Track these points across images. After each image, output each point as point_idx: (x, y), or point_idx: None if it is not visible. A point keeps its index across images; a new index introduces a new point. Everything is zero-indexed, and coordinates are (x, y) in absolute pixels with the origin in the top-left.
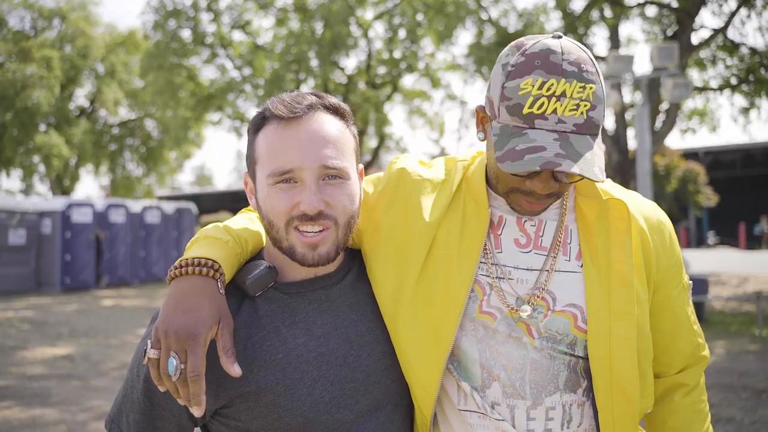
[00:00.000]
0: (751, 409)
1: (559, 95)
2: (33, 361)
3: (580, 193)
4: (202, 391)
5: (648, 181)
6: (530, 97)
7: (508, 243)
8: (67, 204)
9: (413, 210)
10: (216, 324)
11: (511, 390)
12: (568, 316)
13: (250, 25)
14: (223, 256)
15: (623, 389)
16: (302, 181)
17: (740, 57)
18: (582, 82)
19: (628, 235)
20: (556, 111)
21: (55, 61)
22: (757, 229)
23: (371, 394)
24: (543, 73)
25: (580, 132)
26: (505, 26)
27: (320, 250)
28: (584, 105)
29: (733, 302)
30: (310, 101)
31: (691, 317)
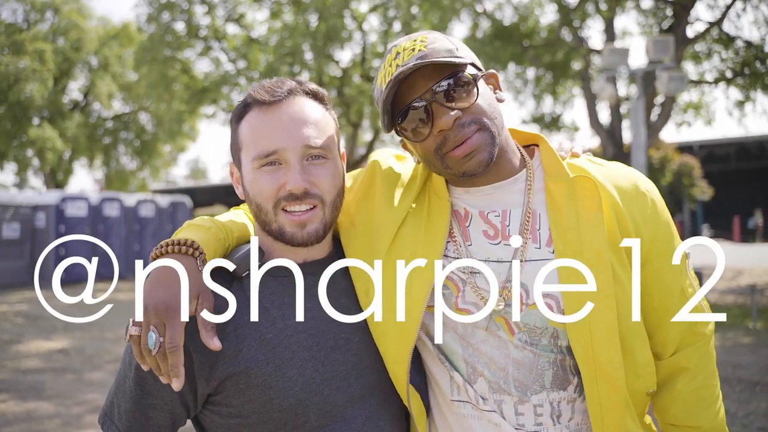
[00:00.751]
0: (745, 402)
1: (394, 58)
2: (27, 355)
3: (548, 174)
4: (180, 362)
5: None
6: (381, 80)
7: (477, 236)
8: (61, 198)
9: (381, 205)
10: (195, 299)
11: (497, 386)
12: (544, 308)
13: (244, 18)
14: (204, 238)
15: (607, 374)
16: (287, 162)
17: (735, 50)
18: (410, 41)
19: (599, 212)
20: (398, 64)
21: (48, 54)
22: (751, 223)
23: (364, 379)
24: (381, 61)
25: (424, 59)
26: (500, 19)
27: (309, 228)
28: (420, 44)
29: (728, 295)
30: (290, 86)
31: (688, 290)
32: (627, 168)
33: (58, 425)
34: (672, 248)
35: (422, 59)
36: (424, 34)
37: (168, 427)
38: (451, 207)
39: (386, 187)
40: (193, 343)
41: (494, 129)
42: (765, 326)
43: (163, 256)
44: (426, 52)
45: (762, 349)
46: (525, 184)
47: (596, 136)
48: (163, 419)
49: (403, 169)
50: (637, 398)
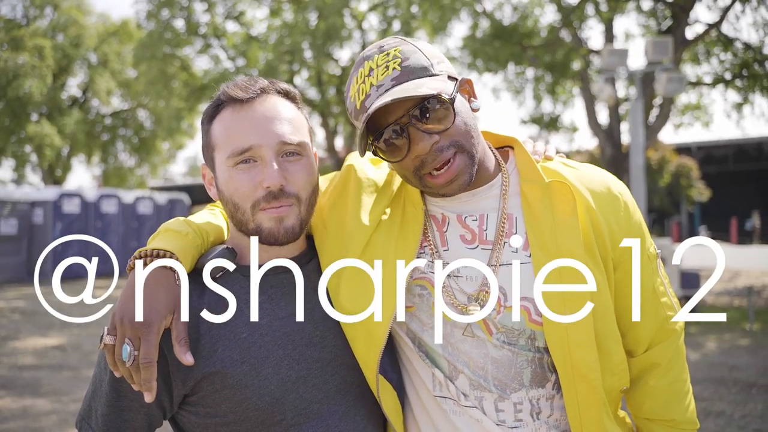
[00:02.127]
0: (742, 403)
1: (367, 74)
2: (24, 352)
3: (523, 178)
4: (153, 377)
5: (641, 175)
6: (352, 96)
7: (454, 240)
8: (59, 194)
9: (354, 209)
10: (170, 314)
11: (477, 384)
12: (521, 311)
13: (244, 16)
14: (182, 247)
15: (584, 376)
16: (262, 158)
17: (734, 52)
18: (382, 53)
19: (575, 216)
20: (372, 84)
21: (47, 50)
22: (749, 224)
23: (339, 375)
24: (355, 69)
25: (400, 81)
26: (500, 19)
27: (286, 223)
28: (393, 62)
29: (725, 297)
30: (263, 85)
31: (659, 288)
32: (599, 170)
33: (55, 422)
34: (645, 249)
35: (398, 81)
36: (397, 46)
37: (144, 429)
38: (426, 213)
39: (360, 191)
40: (168, 345)
41: (473, 149)
42: (762, 328)
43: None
44: (400, 72)
45: (759, 350)
46: (501, 188)
47: (595, 137)
48: (139, 421)
49: (378, 174)
50: (611, 395)
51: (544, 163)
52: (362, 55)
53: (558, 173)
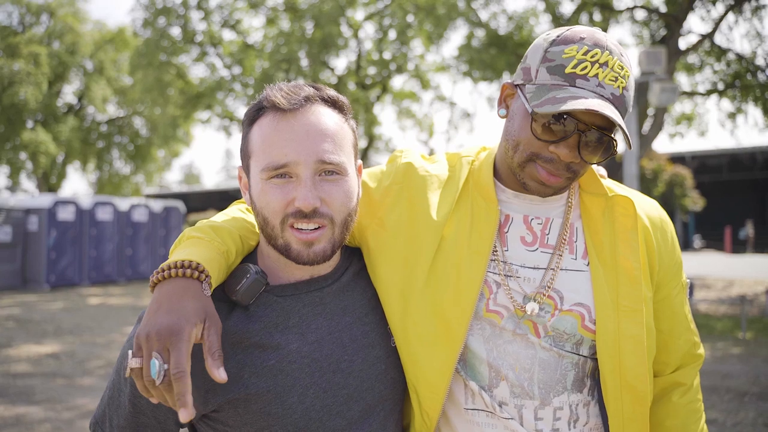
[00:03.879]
0: (734, 411)
1: (602, 63)
2: (18, 359)
3: (584, 190)
4: (188, 390)
5: (635, 184)
6: (574, 60)
7: (514, 241)
8: (54, 201)
9: (420, 207)
10: (201, 322)
11: (519, 390)
12: (575, 316)
13: (240, 24)
14: (208, 256)
15: (633, 387)
16: (297, 176)
17: (727, 62)
18: (621, 62)
19: (635, 232)
20: (597, 75)
21: (42, 58)
22: (743, 233)
23: (364, 401)
24: (589, 43)
25: (615, 104)
26: (495, 28)
27: (316, 247)
28: (621, 81)
29: (718, 305)
30: (308, 93)
31: (688, 316)
32: (650, 198)
33: (48, 430)
34: (681, 276)
35: (615, 103)
36: (626, 67)
37: None
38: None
39: (424, 189)
40: (194, 365)
41: (575, 181)
42: (754, 336)
43: (165, 280)
44: (620, 96)
45: (751, 359)
46: (567, 197)
47: None
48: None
49: (438, 169)
50: None
51: (603, 181)
52: (605, 40)
53: (617, 191)
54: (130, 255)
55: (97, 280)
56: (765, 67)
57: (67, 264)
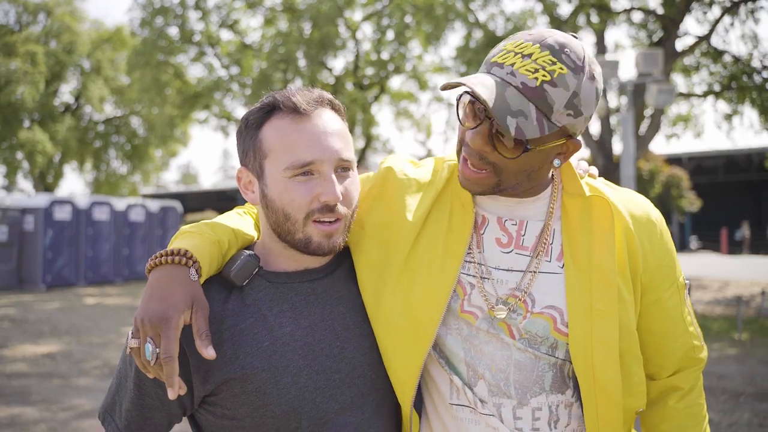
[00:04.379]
0: (729, 412)
1: (526, 54)
2: (14, 359)
3: (565, 190)
4: (174, 372)
5: (632, 185)
6: (502, 50)
7: (490, 243)
8: (51, 201)
9: (397, 209)
10: (189, 308)
11: (497, 389)
12: (547, 318)
13: (238, 24)
14: (198, 244)
15: (606, 390)
16: (320, 173)
17: (724, 64)
18: (556, 58)
19: (611, 233)
20: (514, 64)
21: (39, 57)
22: (739, 234)
23: (356, 387)
24: (526, 37)
25: (524, 93)
26: (492, 29)
27: (334, 238)
28: (543, 75)
29: (714, 306)
30: (318, 96)
31: (686, 318)
32: (639, 196)
33: (44, 430)
34: (675, 277)
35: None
36: (570, 67)
37: (165, 426)
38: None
39: (402, 192)
40: (191, 347)
41: (510, 184)
42: (750, 337)
43: (156, 267)
44: (538, 87)
45: (747, 359)
46: (549, 199)
47: (587, 147)
48: (160, 418)
49: (419, 173)
50: (627, 415)
51: (588, 180)
52: (546, 37)
53: (599, 191)
54: (127, 255)
55: (94, 280)
56: (761, 69)
57: (64, 264)
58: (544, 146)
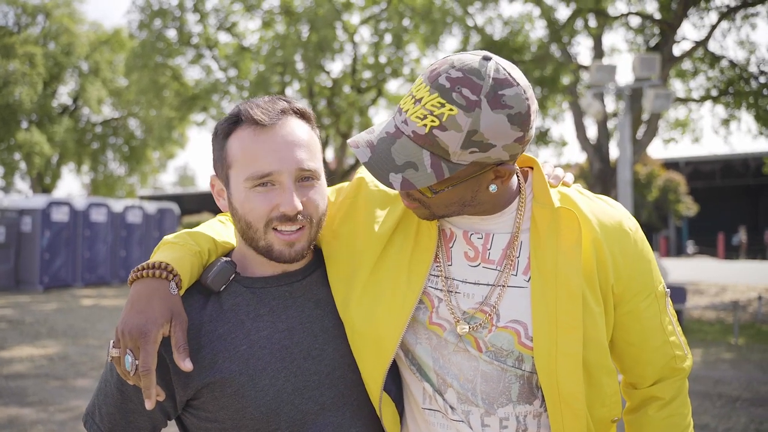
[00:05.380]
0: (725, 417)
1: (417, 99)
2: (11, 361)
3: (536, 200)
4: (152, 385)
5: (629, 190)
6: (408, 92)
7: (458, 256)
8: (48, 202)
9: (367, 220)
10: (167, 322)
11: (465, 398)
12: (511, 332)
13: (236, 27)
14: (178, 257)
15: (569, 403)
16: (280, 183)
17: (721, 69)
18: (444, 99)
19: (578, 246)
20: (407, 111)
21: (38, 58)
22: (736, 239)
23: (336, 388)
24: (425, 75)
25: (416, 141)
26: (490, 34)
27: (296, 246)
28: (432, 120)
29: (711, 311)
30: (283, 106)
31: (667, 328)
32: (614, 204)
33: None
34: (652, 287)
35: (422, 142)
36: (460, 105)
37: (148, 430)
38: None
39: (372, 204)
40: (170, 355)
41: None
42: (746, 342)
43: (138, 280)
44: (428, 134)
45: (743, 364)
46: (516, 211)
47: (584, 151)
48: (143, 422)
49: None
50: (601, 425)
51: (560, 188)
52: (439, 74)
53: (571, 200)
54: (124, 256)
55: (91, 281)
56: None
57: (61, 265)
58: (462, 181)
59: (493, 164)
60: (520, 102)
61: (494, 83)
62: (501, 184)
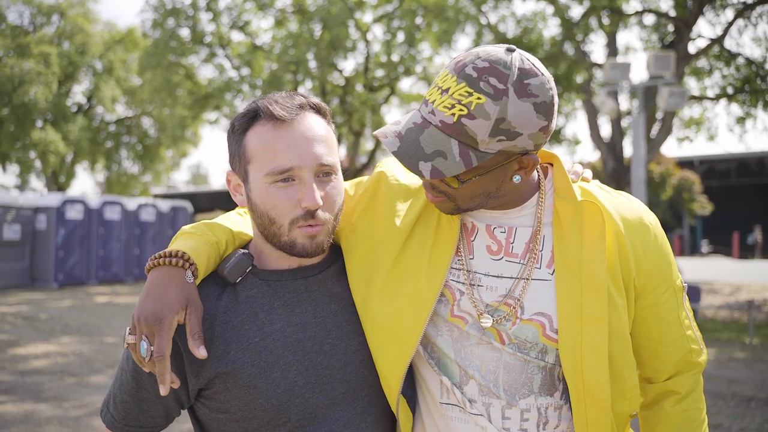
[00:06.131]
0: (739, 416)
1: (444, 89)
2: (26, 357)
3: (558, 195)
4: (166, 371)
5: (642, 188)
6: (433, 84)
7: (480, 250)
8: (63, 200)
9: (387, 214)
10: (183, 309)
11: (486, 389)
12: (536, 325)
13: (249, 26)
14: (194, 246)
15: (594, 395)
16: (300, 179)
17: (737, 67)
18: (472, 88)
19: (602, 238)
20: (434, 102)
21: (53, 58)
22: (751, 239)
23: (348, 383)
24: (450, 67)
25: (444, 130)
26: (503, 32)
27: (317, 240)
28: (460, 109)
29: (725, 310)
30: (300, 101)
31: (684, 322)
32: (633, 199)
33: (56, 427)
34: (671, 281)
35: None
36: (487, 93)
37: (162, 418)
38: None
39: (393, 197)
40: (185, 344)
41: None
42: (761, 342)
43: (155, 267)
44: (456, 123)
45: (757, 364)
46: (536, 206)
47: (597, 150)
48: (156, 411)
49: (410, 179)
50: (620, 419)
51: (580, 184)
52: (465, 65)
53: (592, 195)
54: (138, 254)
55: (105, 278)
56: None
57: (75, 263)
58: (489, 171)
59: (519, 154)
60: (545, 91)
61: (520, 73)
62: (525, 175)
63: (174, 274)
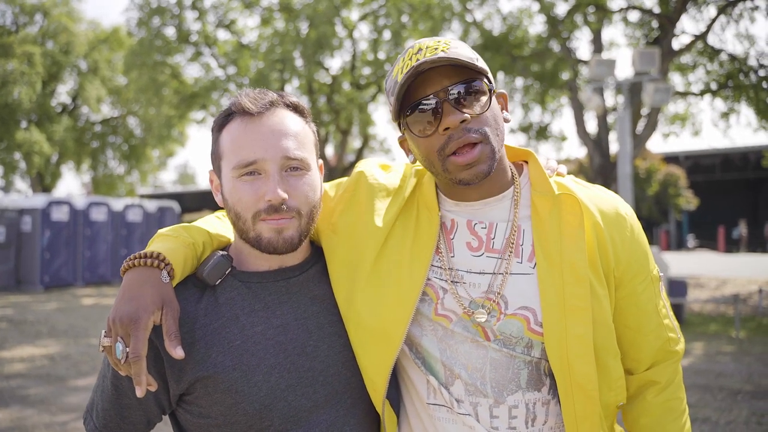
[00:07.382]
0: (727, 409)
1: (416, 51)
2: (11, 360)
3: (535, 190)
4: (142, 372)
5: (629, 184)
6: (397, 71)
7: (460, 247)
8: (48, 202)
9: (366, 214)
10: (158, 309)
11: (473, 388)
12: (520, 319)
13: (235, 24)
14: (171, 247)
15: (582, 386)
16: (266, 172)
17: (720, 63)
18: (434, 42)
19: (581, 229)
20: (419, 60)
21: (36, 57)
22: (736, 233)
23: (330, 385)
24: (402, 54)
25: (449, 56)
26: (489, 29)
27: (285, 234)
28: (443, 45)
29: (711, 304)
30: (272, 98)
31: (661, 311)
32: (609, 192)
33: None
34: (648, 271)
35: (447, 56)
36: (449, 39)
37: (143, 425)
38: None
39: (372, 196)
40: (163, 345)
41: (496, 144)
42: (748, 335)
43: (130, 269)
44: (448, 54)
45: (744, 357)
46: (512, 200)
47: (583, 146)
48: (137, 417)
49: (389, 179)
50: (608, 410)
51: (556, 179)
52: (414, 42)
53: (568, 188)
54: (125, 255)
55: (91, 280)
56: (757, 67)
57: (61, 264)
58: (492, 94)
59: (492, 89)
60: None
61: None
62: (508, 112)
63: (149, 274)
